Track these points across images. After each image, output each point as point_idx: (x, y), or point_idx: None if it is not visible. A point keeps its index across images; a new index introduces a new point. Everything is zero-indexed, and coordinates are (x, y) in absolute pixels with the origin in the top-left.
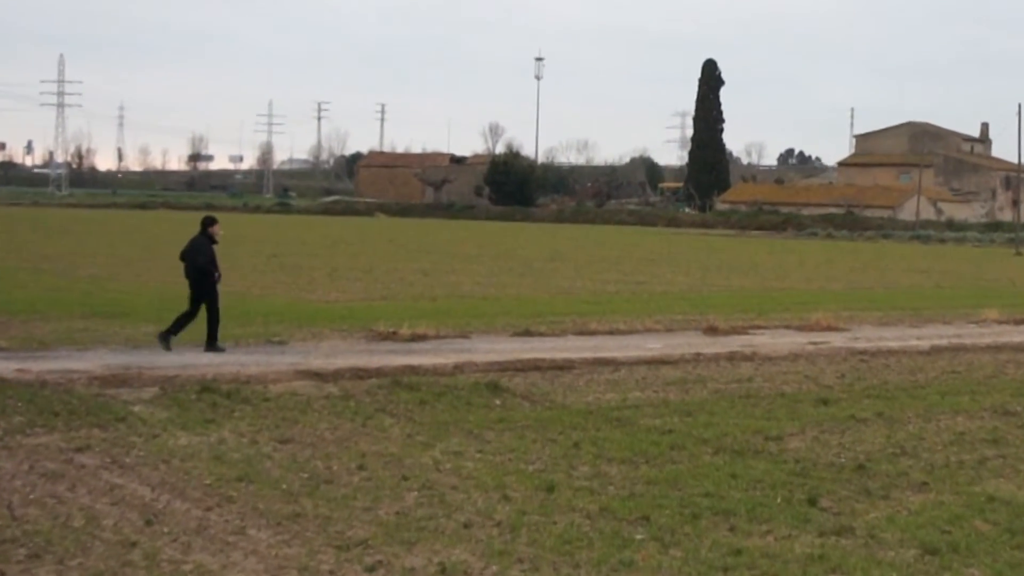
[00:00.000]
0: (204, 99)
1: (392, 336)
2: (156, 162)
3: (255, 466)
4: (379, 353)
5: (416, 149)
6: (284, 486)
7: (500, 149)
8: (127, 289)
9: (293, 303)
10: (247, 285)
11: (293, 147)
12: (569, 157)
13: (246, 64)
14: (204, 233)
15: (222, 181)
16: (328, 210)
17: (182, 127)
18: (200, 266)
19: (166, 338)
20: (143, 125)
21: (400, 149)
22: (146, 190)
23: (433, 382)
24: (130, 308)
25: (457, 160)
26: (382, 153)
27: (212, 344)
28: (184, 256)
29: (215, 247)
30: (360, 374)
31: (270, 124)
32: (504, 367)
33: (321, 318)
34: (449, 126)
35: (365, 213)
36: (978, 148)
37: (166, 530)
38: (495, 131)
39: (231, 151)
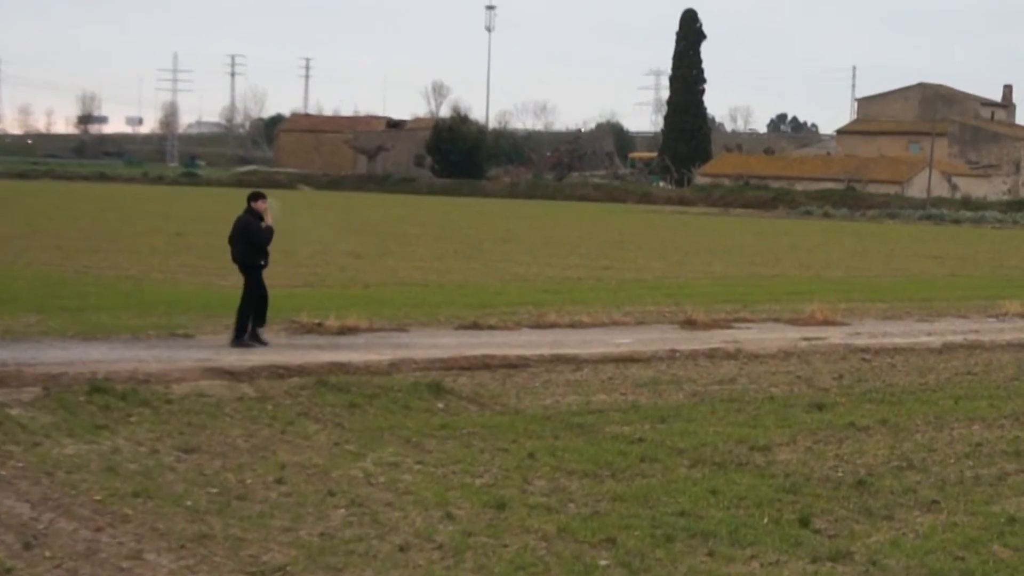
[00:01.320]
0: (96, 51)
1: (317, 328)
2: (39, 124)
3: (155, 479)
4: (302, 348)
5: (347, 112)
6: (189, 503)
7: (445, 112)
8: (4, 272)
9: (201, 290)
10: (146, 268)
11: (202, 108)
12: (525, 122)
13: (146, 9)
14: (249, 211)
15: (118, 147)
16: (243, 182)
17: (70, 84)
18: (259, 243)
19: (256, 335)
20: (22, 81)
21: (328, 111)
22: (27, 157)
23: (365, 382)
24: (8, 294)
25: (394, 125)
26: (307, 116)
27: (238, 339)
28: (231, 238)
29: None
30: (279, 372)
31: (174, 81)
32: (448, 365)
33: (234, 307)
34: (385, 85)
35: (286, 185)
36: (999, 114)
37: (48, 554)
38: (439, 91)
39: (128, 112)
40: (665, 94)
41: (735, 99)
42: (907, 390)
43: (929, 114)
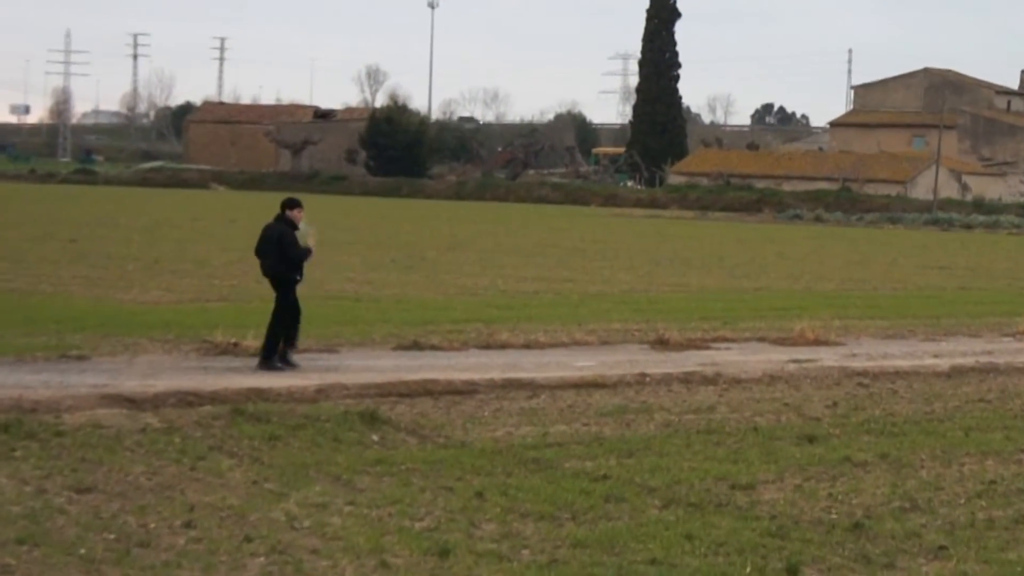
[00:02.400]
0: None
1: (233, 349)
2: None
3: (43, 523)
4: (215, 372)
5: (267, 100)
6: (83, 550)
7: (381, 101)
8: None
9: (98, 305)
10: (33, 280)
11: (99, 95)
12: (474, 112)
13: None
14: (283, 219)
15: (0, 139)
16: (147, 180)
17: None
18: (294, 258)
19: (286, 358)
20: None
21: (246, 100)
22: None
23: (288, 411)
24: None
25: (323, 115)
26: (221, 104)
27: (267, 362)
28: (260, 250)
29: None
30: (189, 400)
31: (67, 64)
32: (384, 391)
33: (137, 325)
34: (312, 69)
35: (198, 184)
36: (1016, 104)
37: None
38: (374, 77)
39: (13, 99)
40: (634, 81)
41: (714, 87)
42: (911, 420)
43: (936, 104)
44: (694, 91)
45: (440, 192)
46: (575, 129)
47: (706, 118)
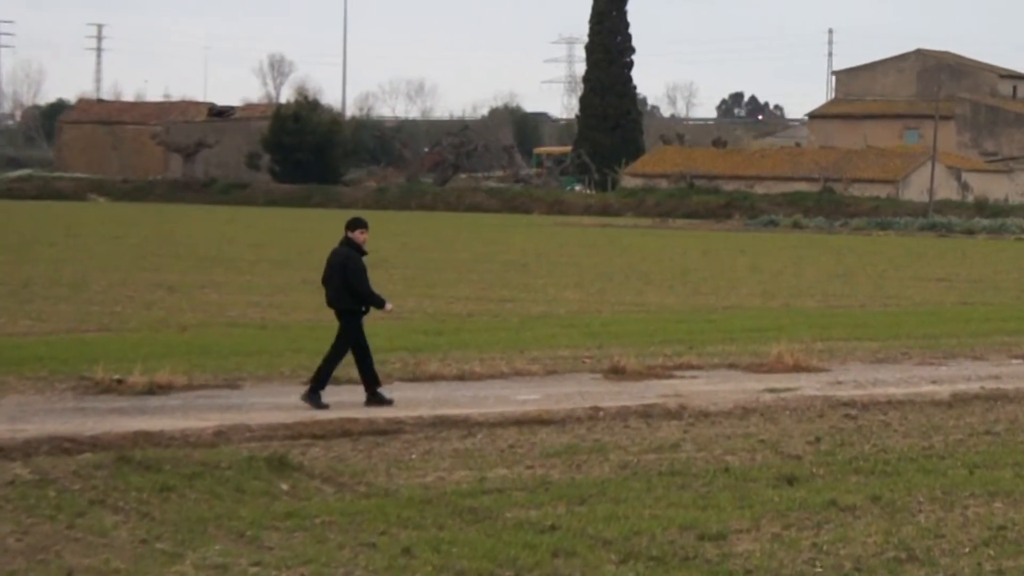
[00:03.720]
0: None
1: (117, 387)
2: None
3: None
4: (97, 414)
5: (154, 96)
6: None
7: (287, 96)
8: None
9: None
10: None
11: None
12: (395, 108)
13: None
14: (348, 242)
15: None
16: (14, 191)
17: None
18: (358, 287)
19: (378, 396)
20: None
21: (128, 96)
22: None
23: (183, 458)
24: None
25: (219, 113)
26: (99, 103)
27: (314, 394)
28: (325, 278)
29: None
30: (65, 447)
31: None
32: (295, 433)
33: (3, 361)
34: (206, 60)
35: (74, 196)
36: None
37: None
38: (278, 68)
39: None
40: (581, 69)
41: (674, 75)
42: (906, 457)
43: (930, 91)
44: (651, 80)
45: (357, 200)
46: (513, 125)
47: (665, 111)
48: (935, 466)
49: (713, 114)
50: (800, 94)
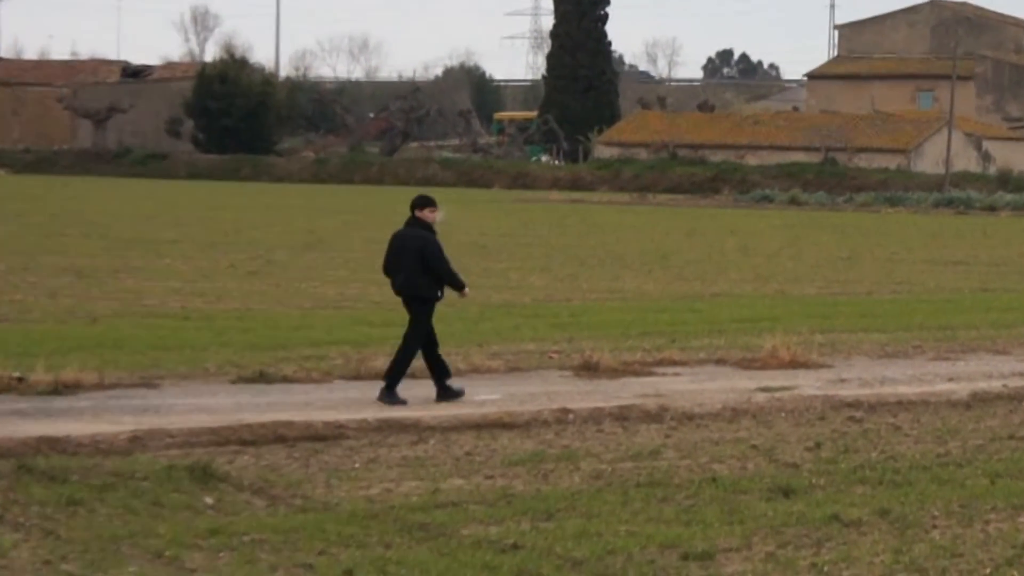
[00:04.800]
0: None
1: (17, 385)
2: None
3: None
4: None
5: (60, 55)
6: None
7: (213, 54)
8: None
9: None
10: None
11: None
12: (336, 68)
13: None
14: (416, 223)
15: None
16: None
17: None
18: (440, 270)
19: (450, 389)
20: None
21: (30, 55)
22: None
23: (92, 467)
24: None
25: (135, 73)
26: None
27: (389, 391)
28: (392, 265)
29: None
30: None
31: None
32: (221, 438)
33: None
34: (119, 13)
35: None
36: None
37: None
38: (202, 22)
39: None
40: (548, 23)
41: (654, 30)
42: (918, 465)
43: (947, 47)
44: (628, 35)
45: (294, 173)
46: (471, 88)
47: (645, 70)
48: (951, 475)
49: (699, 74)
50: (798, 51)
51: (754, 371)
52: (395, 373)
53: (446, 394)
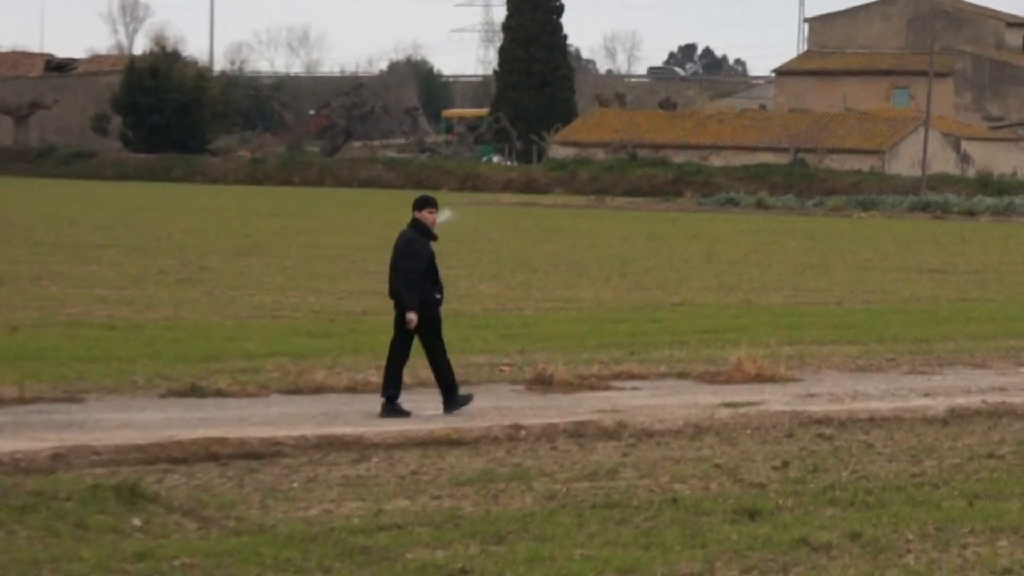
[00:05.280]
0: None
1: None
2: None
3: None
4: None
5: None
6: None
7: (142, 47)
8: None
9: None
10: None
11: None
12: (274, 62)
13: None
14: (415, 224)
15: None
16: None
17: None
18: (400, 279)
19: (392, 404)
20: None
21: None
22: None
23: (12, 487)
24: None
25: (59, 67)
26: None
27: (451, 400)
28: (394, 264)
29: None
30: None
31: None
32: (150, 456)
33: None
34: (43, 1)
35: None
36: None
37: None
38: (131, 12)
39: None
40: (500, 15)
41: (613, 22)
42: (892, 485)
43: (923, 42)
44: (585, 28)
45: (228, 174)
46: (418, 83)
47: (603, 66)
48: (927, 497)
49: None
50: (765, 46)
51: (718, 385)
52: (450, 382)
53: (393, 410)
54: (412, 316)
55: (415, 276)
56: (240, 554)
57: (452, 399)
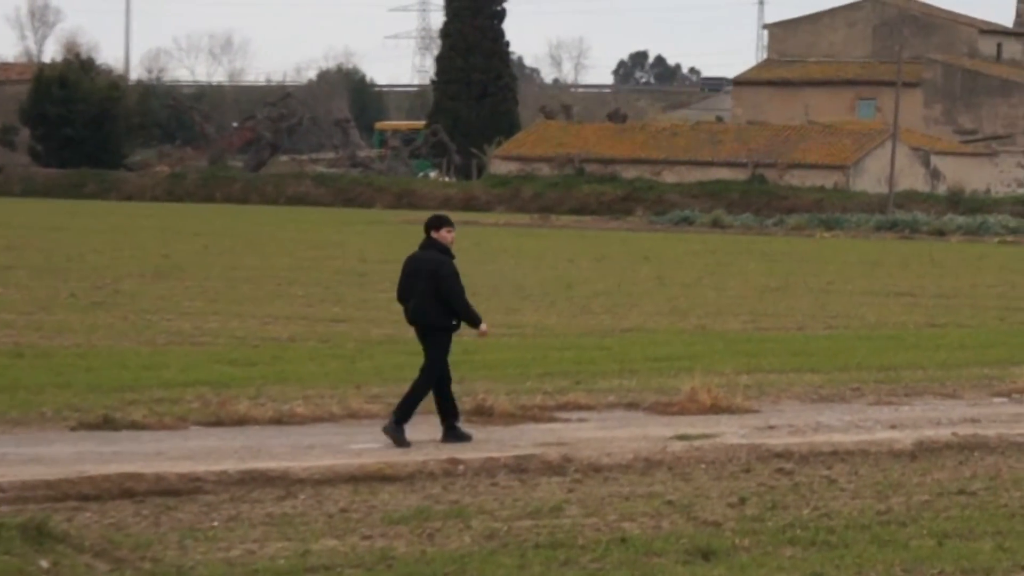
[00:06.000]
0: None
1: None
2: None
3: None
4: None
5: None
6: None
7: (53, 54)
8: None
9: None
10: None
11: None
12: (195, 71)
13: None
14: (431, 245)
15: None
16: None
17: None
18: (454, 297)
19: (457, 431)
20: None
21: None
22: None
23: None
24: None
25: None
26: None
27: (398, 427)
28: (406, 290)
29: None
30: None
31: None
32: (59, 492)
33: None
34: None
35: None
36: (1011, 48)
37: None
38: (41, 17)
39: None
40: (437, 20)
41: (559, 29)
42: (856, 523)
43: (891, 50)
44: (529, 35)
45: (145, 190)
46: (349, 93)
47: (548, 75)
48: (894, 535)
49: (609, 80)
50: (722, 54)
51: (670, 417)
52: (405, 408)
53: (453, 436)
54: (485, 327)
55: (462, 295)
56: None
57: (398, 427)
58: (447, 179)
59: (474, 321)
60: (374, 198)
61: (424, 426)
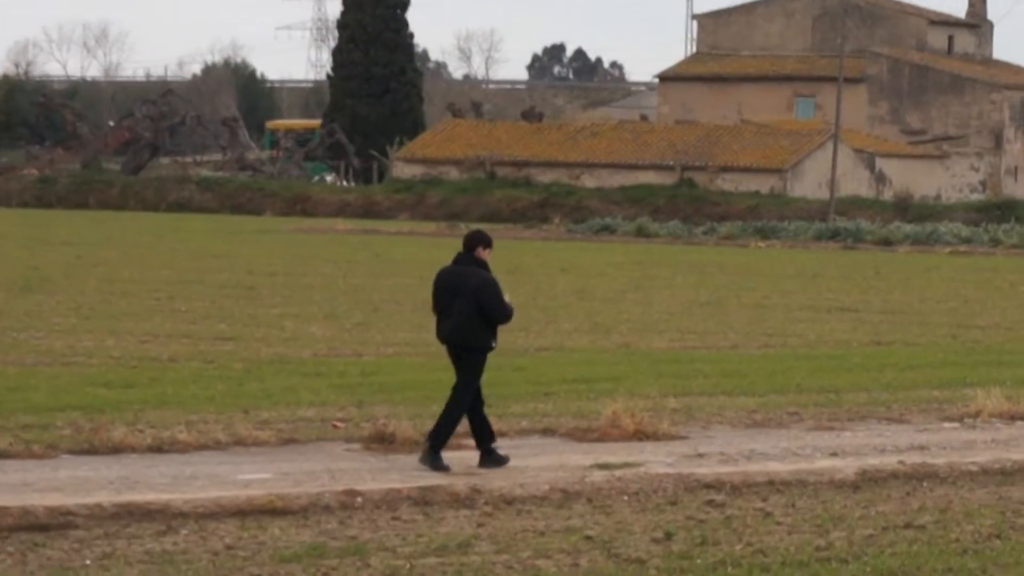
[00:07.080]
0: None
1: None
2: None
3: None
4: None
5: None
6: None
7: None
8: None
9: None
10: None
11: None
12: (67, 65)
13: None
14: (472, 262)
15: None
16: None
17: None
18: (500, 318)
19: (495, 455)
20: None
21: None
22: None
23: None
24: None
25: None
26: None
27: (435, 455)
28: (444, 306)
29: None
30: None
31: None
32: None
33: None
34: None
35: None
36: (963, 41)
37: None
38: None
39: None
40: (334, 10)
41: (468, 20)
42: (794, 560)
43: (832, 43)
44: (435, 27)
45: (12, 195)
46: (237, 90)
47: (456, 70)
48: (835, 573)
49: (523, 75)
50: (647, 47)
51: (590, 444)
52: (442, 434)
53: (491, 460)
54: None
55: (504, 310)
56: None
57: (435, 453)
58: (345, 183)
59: (510, 314)
60: (264, 204)
61: (316, 454)
